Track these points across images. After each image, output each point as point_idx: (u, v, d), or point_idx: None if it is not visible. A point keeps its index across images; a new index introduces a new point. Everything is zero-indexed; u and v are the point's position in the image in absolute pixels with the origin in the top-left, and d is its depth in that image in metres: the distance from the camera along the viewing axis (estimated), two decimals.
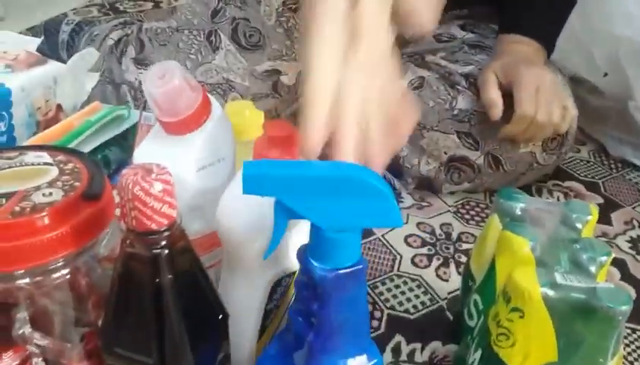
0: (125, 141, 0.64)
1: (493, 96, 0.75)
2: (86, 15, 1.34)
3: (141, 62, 0.84)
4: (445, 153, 0.80)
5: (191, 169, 0.45)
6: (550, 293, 0.45)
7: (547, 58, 0.84)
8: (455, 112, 0.79)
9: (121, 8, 1.40)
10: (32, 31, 1.24)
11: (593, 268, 0.48)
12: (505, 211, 0.55)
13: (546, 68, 0.80)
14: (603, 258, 0.49)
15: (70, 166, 0.42)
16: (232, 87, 0.83)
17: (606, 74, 0.91)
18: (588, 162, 0.96)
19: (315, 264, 0.38)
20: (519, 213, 0.55)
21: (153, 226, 0.35)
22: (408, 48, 0.91)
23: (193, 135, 0.44)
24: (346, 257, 0.38)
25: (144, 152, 0.45)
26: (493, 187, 0.84)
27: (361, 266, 0.38)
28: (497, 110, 0.74)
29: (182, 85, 0.41)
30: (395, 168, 0.85)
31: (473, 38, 0.88)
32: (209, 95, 0.46)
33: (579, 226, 0.53)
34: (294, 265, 0.43)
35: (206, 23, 0.84)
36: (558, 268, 0.48)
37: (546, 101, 0.74)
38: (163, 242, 0.36)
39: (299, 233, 0.42)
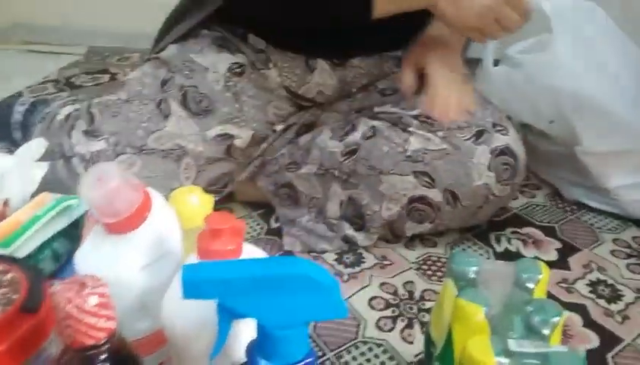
0: (75, 231, 0.63)
1: (405, 78, 0.86)
2: (41, 92, 1.34)
3: (92, 134, 0.84)
4: (405, 195, 0.82)
5: (134, 268, 0.44)
6: (504, 362, 0.45)
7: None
8: (409, 153, 0.81)
9: (77, 83, 1.40)
10: None
11: (546, 331, 0.48)
12: (459, 275, 0.56)
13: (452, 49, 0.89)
14: (555, 319, 0.49)
15: (9, 276, 0.41)
16: (186, 152, 0.83)
17: (552, 121, 0.94)
18: (544, 206, 0.98)
19: (263, 362, 0.37)
20: (473, 276, 0.55)
21: (90, 342, 0.34)
22: (356, 103, 0.94)
23: (135, 233, 0.44)
24: (295, 352, 0.37)
25: (85, 254, 0.45)
26: (453, 225, 0.86)
27: (310, 359, 0.38)
28: (407, 90, 0.86)
29: (119, 186, 0.41)
30: (357, 219, 0.85)
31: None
32: (150, 189, 0.46)
33: (531, 286, 0.53)
34: (244, 357, 0.42)
35: (155, 92, 0.85)
36: (512, 334, 0.48)
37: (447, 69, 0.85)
38: (103, 356, 0.35)
39: (248, 327, 0.42)
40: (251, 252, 0.44)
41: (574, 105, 0.88)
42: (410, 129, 0.83)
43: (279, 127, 0.92)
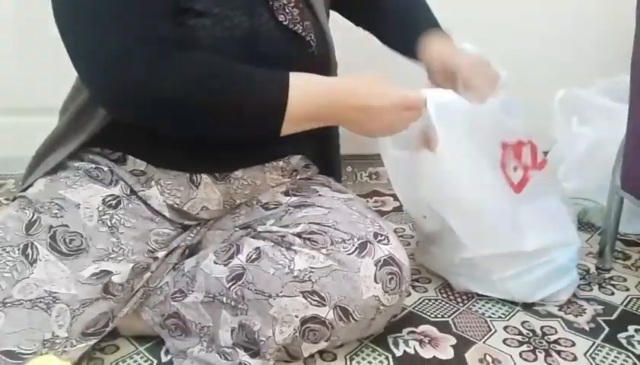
0: None
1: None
2: None
3: None
4: (296, 316, 0.79)
5: None
6: None
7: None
8: (295, 273, 0.79)
9: None
10: None
11: None
12: None
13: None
14: None
15: None
16: (57, 298, 0.77)
17: (425, 217, 0.97)
18: (437, 300, 1.00)
19: None
20: None
21: None
22: (240, 220, 0.92)
23: None
24: None
25: None
26: (348, 339, 0.85)
27: None
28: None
29: None
30: (251, 345, 0.82)
31: (296, 200, 0.91)
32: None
33: None
34: None
35: (20, 237, 0.79)
36: None
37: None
38: None
39: None
40: None
41: (452, 207, 0.91)
42: (294, 248, 0.81)
43: (161, 253, 0.88)
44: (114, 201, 0.86)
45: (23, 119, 1.52)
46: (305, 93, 0.79)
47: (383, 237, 0.83)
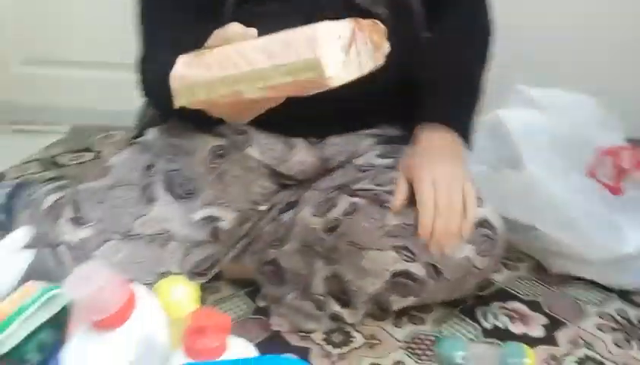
0: (61, 320, 0.62)
1: (398, 190, 0.82)
2: (24, 172, 1.34)
3: (78, 222, 0.84)
4: (387, 269, 0.81)
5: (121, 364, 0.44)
6: None
7: (465, 147, 0.89)
8: (388, 228, 0.81)
9: (60, 162, 1.41)
10: None
11: None
12: (447, 361, 0.56)
13: (450, 157, 0.84)
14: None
15: None
16: (171, 236, 0.83)
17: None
18: (528, 279, 0.99)
19: None
20: (460, 362, 0.56)
21: None
22: (336, 181, 0.95)
23: (121, 330, 0.44)
24: None
25: (72, 351, 0.44)
26: (439, 297, 0.86)
27: None
28: (396, 200, 0.82)
29: (105, 286, 0.41)
30: (343, 294, 0.85)
31: (391, 162, 0.92)
32: (134, 284, 0.46)
33: None
34: None
35: (140, 177, 0.86)
36: None
37: (442, 188, 0.79)
38: None
39: None
40: (237, 344, 0.44)
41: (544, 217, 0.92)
42: (387, 205, 0.83)
43: (263, 207, 0.93)
44: (221, 152, 0.91)
45: (129, 75, 1.62)
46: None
47: (479, 200, 0.83)
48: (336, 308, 0.86)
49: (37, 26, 1.64)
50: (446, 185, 0.79)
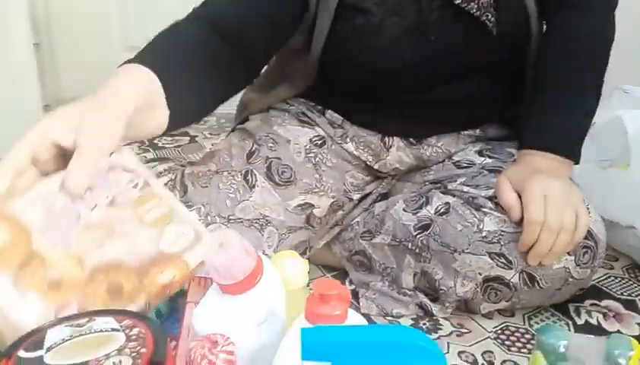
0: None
1: (508, 198, 0.78)
2: None
3: (185, 204, 0.89)
4: (480, 274, 0.81)
5: (247, 327, 0.47)
6: None
7: (572, 167, 0.84)
8: (484, 233, 0.81)
9: (159, 144, 1.50)
10: None
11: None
12: (549, 349, 0.56)
13: (558, 176, 0.80)
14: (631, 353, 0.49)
15: (135, 331, 0.45)
16: (269, 221, 0.87)
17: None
18: (622, 278, 0.97)
19: None
20: (562, 350, 0.56)
21: None
22: (430, 175, 0.96)
23: (248, 294, 0.48)
24: None
25: (203, 311, 0.48)
26: (530, 304, 0.85)
27: None
28: (515, 212, 0.77)
29: (239, 253, 0.45)
30: (432, 291, 0.86)
31: (491, 163, 0.91)
32: (260, 255, 0.49)
33: (623, 362, 0.54)
34: None
35: (242, 164, 0.91)
36: None
37: (555, 205, 0.75)
38: None
39: None
40: (354, 317, 0.47)
41: None
42: (485, 209, 0.82)
43: (356, 196, 0.96)
44: (320, 141, 0.94)
45: None
46: None
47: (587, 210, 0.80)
48: (425, 300, 0.87)
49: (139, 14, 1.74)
50: (559, 203, 0.75)
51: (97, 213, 0.52)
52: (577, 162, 0.85)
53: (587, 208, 0.80)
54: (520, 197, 0.78)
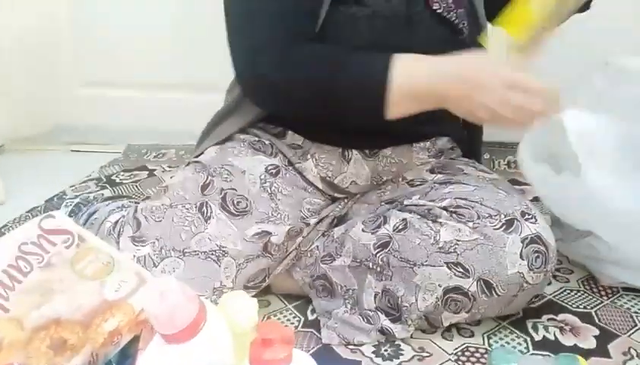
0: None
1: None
2: (84, 191, 1.41)
3: (138, 240, 0.88)
4: (440, 285, 0.83)
5: None
6: None
7: None
8: (441, 244, 0.83)
9: (117, 180, 1.48)
10: (32, 213, 1.30)
11: None
12: None
13: None
14: None
15: None
16: (226, 252, 0.87)
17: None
18: (578, 291, 0.98)
19: None
20: None
21: None
22: (386, 195, 0.97)
23: (191, 343, 0.47)
24: None
25: (147, 361, 0.48)
26: (490, 313, 0.87)
27: None
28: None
29: (179, 301, 0.45)
30: (393, 310, 0.87)
31: (442, 178, 0.95)
32: (202, 299, 0.49)
33: None
34: None
35: (197, 196, 0.90)
36: None
37: None
38: None
39: None
40: (299, 357, 0.47)
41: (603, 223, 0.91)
42: (440, 220, 0.85)
43: (313, 220, 0.96)
44: (274, 170, 0.95)
45: (184, 95, 1.70)
46: (409, 73, 0.81)
47: (530, 216, 0.84)
48: (386, 323, 0.88)
49: (97, 50, 1.74)
50: None
51: (32, 276, 0.52)
52: None
53: (535, 216, 0.83)
54: None
